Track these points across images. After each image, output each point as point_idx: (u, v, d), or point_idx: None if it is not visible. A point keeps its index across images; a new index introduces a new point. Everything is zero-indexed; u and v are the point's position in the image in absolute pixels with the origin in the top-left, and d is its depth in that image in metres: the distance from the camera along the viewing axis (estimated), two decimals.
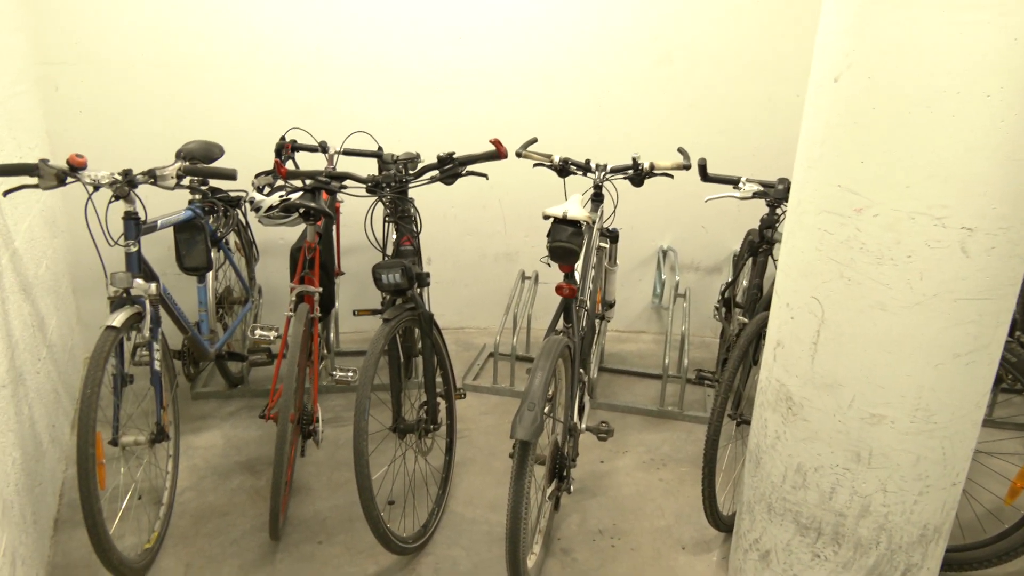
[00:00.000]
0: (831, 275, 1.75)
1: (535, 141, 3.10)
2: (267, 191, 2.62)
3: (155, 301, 2.35)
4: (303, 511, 2.63)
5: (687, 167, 2.95)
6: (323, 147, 3.21)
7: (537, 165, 3.01)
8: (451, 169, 2.47)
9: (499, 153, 2.41)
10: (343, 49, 3.50)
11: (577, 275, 2.44)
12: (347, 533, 2.53)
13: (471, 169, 2.50)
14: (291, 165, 3.25)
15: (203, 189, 2.93)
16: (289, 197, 2.54)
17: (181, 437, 3.02)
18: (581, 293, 2.53)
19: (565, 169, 2.96)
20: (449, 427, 2.75)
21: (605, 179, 2.96)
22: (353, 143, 3.35)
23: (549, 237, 2.31)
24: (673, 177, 3.08)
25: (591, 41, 3.62)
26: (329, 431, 3.11)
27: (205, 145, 2.82)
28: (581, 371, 2.55)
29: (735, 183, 2.92)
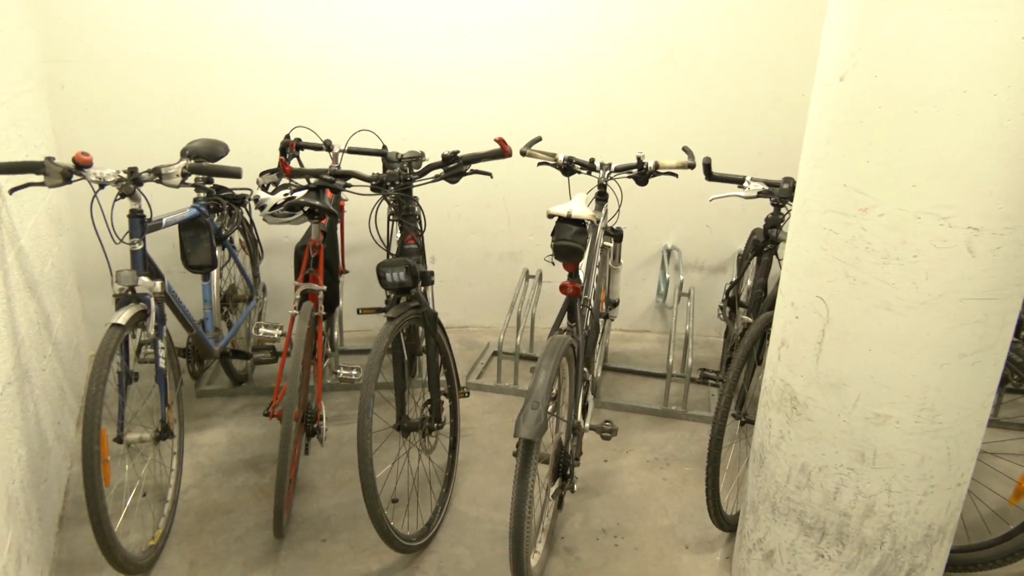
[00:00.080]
0: (836, 274, 1.74)
1: (539, 140, 3.09)
2: (272, 189, 2.63)
3: (160, 299, 2.35)
4: (307, 509, 2.64)
5: (692, 166, 2.94)
6: (328, 145, 3.21)
7: (541, 164, 3.01)
8: (455, 168, 2.47)
9: (503, 152, 2.40)
10: (344, 49, 3.50)
11: (581, 274, 2.43)
12: (351, 531, 2.53)
13: (475, 168, 2.50)
14: (296, 163, 3.26)
15: (208, 187, 2.93)
16: (294, 195, 2.55)
17: (186, 435, 3.02)
18: (585, 292, 2.52)
19: (569, 168, 2.95)
20: (453, 425, 2.75)
21: (609, 178, 2.96)
22: (357, 142, 3.35)
23: (553, 236, 2.30)
24: (677, 176, 3.07)
25: (592, 41, 3.62)
26: (333, 429, 3.12)
27: (210, 143, 2.83)
28: (585, 370, 2.55)
29: (740, 182, 2.92)
